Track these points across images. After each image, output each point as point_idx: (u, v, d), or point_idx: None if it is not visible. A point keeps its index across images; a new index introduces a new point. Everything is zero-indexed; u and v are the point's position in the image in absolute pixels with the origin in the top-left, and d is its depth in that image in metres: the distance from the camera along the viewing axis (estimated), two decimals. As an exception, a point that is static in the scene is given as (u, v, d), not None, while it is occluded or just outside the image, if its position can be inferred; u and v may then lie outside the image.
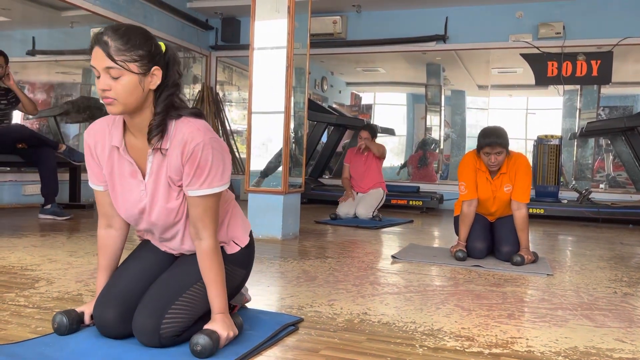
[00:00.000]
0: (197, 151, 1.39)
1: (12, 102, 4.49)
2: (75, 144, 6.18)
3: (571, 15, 6.32)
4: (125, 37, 1.34)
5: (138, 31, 1.38)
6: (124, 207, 1.51)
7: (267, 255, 2.92)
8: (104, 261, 1.59)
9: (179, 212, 1.49)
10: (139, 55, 1.35)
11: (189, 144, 1.39)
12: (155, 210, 1.49)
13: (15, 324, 1.61)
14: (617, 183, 6.82)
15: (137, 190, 1.48)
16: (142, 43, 1.36)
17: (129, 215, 1.52)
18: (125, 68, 1.33)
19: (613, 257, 3.35)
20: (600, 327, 1.80)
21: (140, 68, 1.35)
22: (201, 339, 1.34)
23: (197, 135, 1.39)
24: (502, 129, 3.01)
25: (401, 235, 4.13)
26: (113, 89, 1.34)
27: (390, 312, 1.90)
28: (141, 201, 1.48)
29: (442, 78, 7.53)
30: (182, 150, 1.40)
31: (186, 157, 1.40)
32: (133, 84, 1.35)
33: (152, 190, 1.47)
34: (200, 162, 1.40)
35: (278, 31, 3.61)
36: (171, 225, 1.52)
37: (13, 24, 5.46)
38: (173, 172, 1.44)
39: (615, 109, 6.88)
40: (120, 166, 1.48)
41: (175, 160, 1.42)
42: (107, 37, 1.33)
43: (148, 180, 1.46)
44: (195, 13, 7.33)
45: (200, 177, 1.41)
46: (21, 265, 2.45)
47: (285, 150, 3.62)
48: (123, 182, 1.49)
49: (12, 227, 3.67)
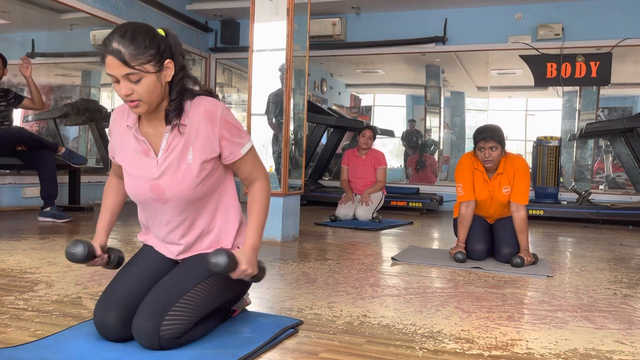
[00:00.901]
0: (225, 115, 1.50)
1: (11, 102, 4.49)
2: (74, 146, 6.19)
3: (570, 17, 6.33)
4: (135, 41, 1.36)
5: (143, 30, 1.40)
6: (136, 185, 1.54)
7: (267, 258, 2.92)
8: (108, 201, 1.69)
9: (197, 188, 1.50)
10: (152, 55, 1.38)
11: (215, 112, 1.49)
12: (168, 185, 1.49)
13: (14, 327, 1.61)
14: (616, 184, 6.83)
15: (150, 167, 1.51)
16: (151, 42, 1.39)
17: (140, 194, 1.54)
18: (143, 71, 1.38)
19: (613, 259, 3.35)
20: (600, 329, 1.80)
21: (155, 66, 1.40)
22: (221, 258, 1.39)
23: (216, 104, 1.51)
24: (496, 126, 3.06)
25: (401, 237, 4.13)
26: (135, 92, 1.39)
27: (390, 314, 1.90)
28: (152, 177, 1.50)
29: (441, 79, 7.53)
30: (210, 121, 1.48)
31: (219, 124, 1.49)
32: (153, 83, 1.40)
33: (166, 166, 1.50)
34: (233, 123, 1.52)
35: (277, 33, 3.61)
36: (184, 205, 1.52)
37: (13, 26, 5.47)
38: (202, 144, 1.49)
39: (614, 110, 6.89)
40: (134, 145, 1.53)
41: (205, 131, 1.48)
42: (117, 44, 1.35)
43: (161, 156, 1.50)
44: (194, 15, 7.34)
45: (239, 135, 1.53)
46: (20, 268, 2.45)
47: (285, 152, 3.62)
48: (135, 160, 1.53)
49: (12, 230, 3.67)
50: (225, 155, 1.54)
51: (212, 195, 1.57)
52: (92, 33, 6.08)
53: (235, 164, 1.56)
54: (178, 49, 1.48)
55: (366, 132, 5.21)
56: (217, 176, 1.56)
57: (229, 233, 1.61)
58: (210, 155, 1.51)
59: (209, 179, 1.52)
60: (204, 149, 1.49)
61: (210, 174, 1.52)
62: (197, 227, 1.57)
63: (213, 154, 1.51)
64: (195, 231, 1.57)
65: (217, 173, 1.55)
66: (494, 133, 2.97)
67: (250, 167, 1.59)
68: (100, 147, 6.32)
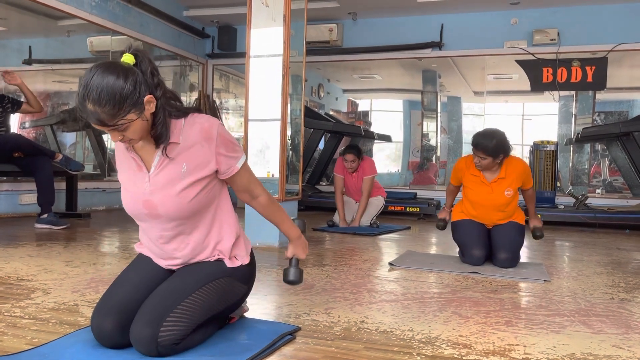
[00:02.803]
0: (221, 132, 1.51)
1: (7, 109, 4.49)
2: (72, 152, 6.18)
3: (565, 22, 6.37)
4: (108, 102, 1.31)
5: (113, 81, 1.32)
6: (130, 200, 1.54)
7: (264, 264, 2.92)
8: None
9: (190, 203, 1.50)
10: (130, 105, 1.35)
11: (211, 130, 1.50)
12: (160, 201, 1.49)
13: (11, 335, 1.60)
14: (613, 188, 6.84)
15: (142, 183, 1.51)
16: (124, 95, 1.33)
17: (134, 208, 1.54)
18: (127, 122, 1.37)
19: (610, 263, 3.35)
20: (598, 334, 1.80)
21: (137, 111, 1.37)
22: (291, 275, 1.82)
23: (211, 121, 1.52)
24: (497, 137, 2.98)
25: (398, 242, 4.13)
26: (125, 136, 1.41)
27: (388, 320, 1.90)
28: (144, 193, 1.50)
29: (438, 84, 7.55)
30: (206, 139, 1.49)
31: (216, 141, 1.50)
32: (139, 125, 1.40)
33: (158, 181, 1.50)
34: (229, 138, 1.54)
35: (274, 39, 3.62)
36: (177, 220, 1.52)
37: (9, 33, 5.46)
38: (197, 162, 1.49)
39: (610, 115, 6.91)
40: (127, 161, 1.54)
41: (201, 149, 1.49)
42: (92, 107, 1.32)
43: (153, 172, 1.50)
44: (191, 21, 7.36)
45: (234, 150, 1.55)
46: (17, 276, 2.44)
47: (282, 158, 3.62)
48: (129, 176, 1.54)
49: (8, 237, 3.66)
50: (223, 170, 1.54)
51: (208, 209, 1.57)
52: (89, 40, 6.09)
53: (232, 177, 1.57)
54: (149, 69, 1.41)
55: (347, 156, 4.86)
56: (212, 191, 1.56)
57: (226, 246, 1.60)
58: (205, 173, 1.50)
59: (202, 195, 1.52)
60: (198, 166, 1.49)
61: (203, 190, 1.52)
62: (192, 242, 1.57)
63: (208, 171, 1.51)
64: (190, 245, 1.57)
65: (212, 188, 1.55)
66: (487, 147, 2.95)
67: (246, 179, 1.62)
68: (98, 154, 6.32)
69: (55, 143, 5.84)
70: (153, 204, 1.50)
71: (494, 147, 2.96)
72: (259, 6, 3.66)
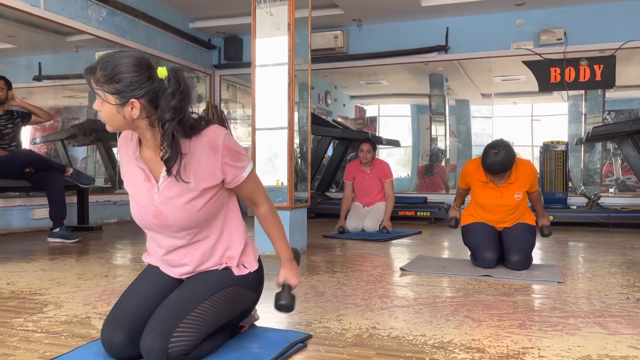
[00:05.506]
0: (227, 142, 1.50)
1: (17, 123, 4.55)
2: (83, 166, 6.23)
3: (572, 21, 6.33)
4: (108, 69, 1.37)
5: (127, 62, 1.37)
6: (139, 211, 1.55)
7: (274, 272, 2.90)
8: None
9: (199, 212, 1.51)
10: (116, 89, 1.37)
11: (218, 141, 1.49)
12: (169, 211, 1.50)
13: (23, 350, 1.61)
14: (626, 187, 6.76)
15: (151, 193, 1.51)
16: (123, 77, 1.36)
17: (144, 219, 1.55)
18: (103, 98, 1.39)
19: (625, 263, 3.31)
20: (614, 335, 1.77)
21: (117, 100, 1.38)
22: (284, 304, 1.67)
23: (218, 132, 1.51)
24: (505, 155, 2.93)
25: (409, 247, 4.10)
26: (101, 112, 1.42)
27: (400, 325, 1.88)
28: (154, 204, 1.51)
29: (445, 88, 7.53)
30: (212, 150, 1.49)
31: (222, 152, 1.49)
32: (112, 112, 1.41)
33: (167, 192, 1.50)
34: (235, 148, 1.53)
35: (279, 48, 3.63)
36: (187, 229, 1.53)
37: (19, 50, 5.54)
38: (204, 173, 1.49)
39: (621, 113, 6.84)
40: (135, 172, 1.54)
41: (207, 160, 1.49)
42: (96, 65, 1.39)
43: (162, 183, 1.50)
44: (197, 33, 7.42)
45: (240, 159, 1.55)
46: (30, 290, 2.46)
47: (290, 166, 3.62)
48: (138, 186, 1.54)
49: (22, 252, 3.69)
50: (229, 180, 1.54)
51: (216, 218, 1.57)
52: (98, 54, 6.15)
53: (238, 186, 1.57)
54: (172, 90, 1.39)
55: (363, 146, 4.98)
56: (220, 199, 1.56)
57: (234, 253, 1.60)
58: (212, 183, 1.51)
59: (210, 204, 1.53)
60: (206, 177, 1.50)
61: (212, 199, 1.53)
62: (202, 248, 1.57)
63: (215, 182, 1.52)
64: (199, 252, 1.57)
65: (220, 197, 1.56)
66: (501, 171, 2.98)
67: (251, 188, 1.61)
68: (108, 167, 6.37)
69: (67, 157, 5.90)
70: (163, 215, 1.51)
71: (506, 166, 2.97)
72: (263, 16, 3.68)
